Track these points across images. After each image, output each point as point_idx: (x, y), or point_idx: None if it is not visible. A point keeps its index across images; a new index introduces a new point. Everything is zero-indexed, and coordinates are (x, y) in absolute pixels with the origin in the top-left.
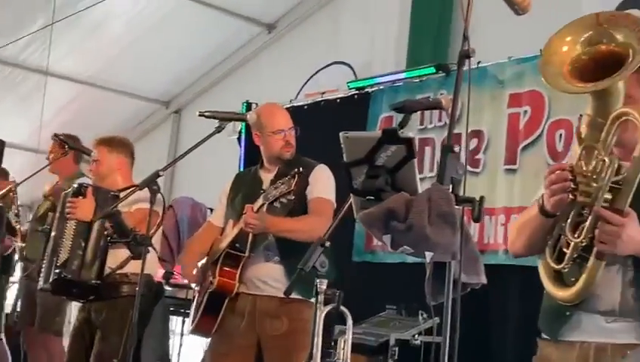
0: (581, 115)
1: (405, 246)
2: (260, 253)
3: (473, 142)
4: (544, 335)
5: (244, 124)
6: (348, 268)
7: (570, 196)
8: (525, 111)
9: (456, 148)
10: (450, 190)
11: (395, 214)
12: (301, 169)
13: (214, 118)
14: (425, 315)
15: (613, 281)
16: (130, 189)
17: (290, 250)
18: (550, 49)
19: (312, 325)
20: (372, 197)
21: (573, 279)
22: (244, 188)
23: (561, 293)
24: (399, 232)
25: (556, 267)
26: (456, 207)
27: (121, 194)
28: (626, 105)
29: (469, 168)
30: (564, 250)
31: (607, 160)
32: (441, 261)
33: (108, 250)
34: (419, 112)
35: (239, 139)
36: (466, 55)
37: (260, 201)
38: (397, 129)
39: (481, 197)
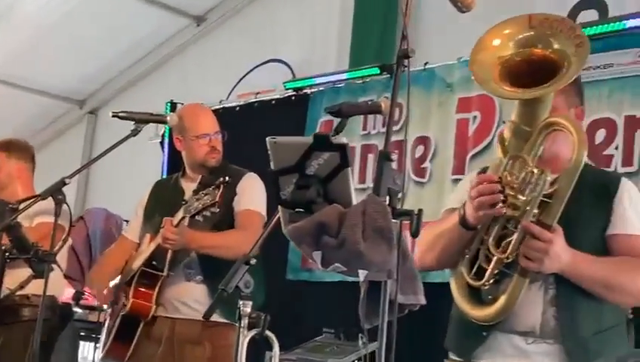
0: (504, 121)
1: (337, 264)
2: (180, 271)
3: (419, 150)
4: (453, 356)
5: (167, 126)
6: (281, 288)
7: (500, 210)
8: (475, 117)
9: (394, 156)
10: (387, 202)
11: (327, 228)
12: (227, 178)
13: (130, 119)
14: (365, 339)
15: (534, 300)
16: (32, 200)
17: (215, 268)
18: (481, 50)
19: (235, 352)
20: (302, 210)
21: (491, 297)
22: (163, 199)
23: (478, 312)
24: (331, 248)
25: (475, 284)
26: (393, 220)
27: (21, 206)
28: (558, 114)
29: (414, 178)
30: (484, 265)
31: (535, 171)
32: (376, 280)
33: (5, 268)
34: (362, 116)
35: (162, 143)
36: (405, 55)
37: (180, 214)
38: (329, 134)
39: (420, 210)
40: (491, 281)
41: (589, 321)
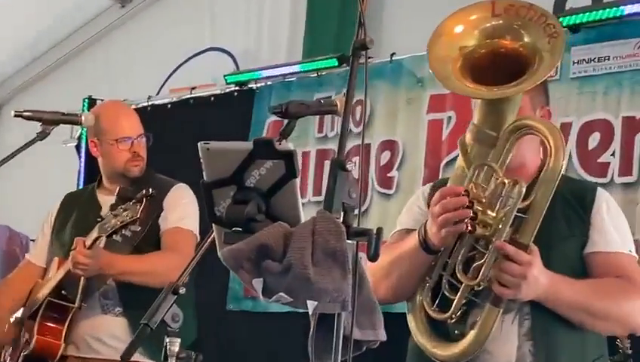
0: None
1: (281, 294)
2: (95, 302)
3: (385, 156)
4: None
5: (84, 128)
6: (221, 320)
7: (469, 228)
8: (449, 118)
9: (350, 165)
10: (341, 219)
11: (270, 251)
12: (152, 190)
13: (37, 119)
14: None
15: (507, 334)
16: None
17: (136, 299)
18: (440, 40)
19: None
20: (239, 229)
21: (458, 332)
22: (75, 215)
23: (443, 351)
24: (274, 275)
25: (439, 317)
26: (348, 241)
27: None
28: (528, 116)
29: (379, 189)
30: (449, 294)
31: (507, 182)
32: (328, 312)
33: None
34: (317, 117)
35: (78, 147)
36: (362, 46)
37: (94, 233)
38: (273, 139)
39: (379, 229)
40: (458, 313)
41: (569, 355)
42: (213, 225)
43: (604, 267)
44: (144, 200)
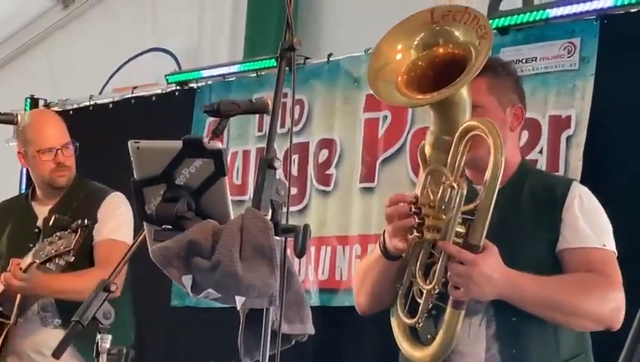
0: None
1: (210, 290)
2: (34, 316)
3: (323, 154)
4: None
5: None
6: (164, 316)
7: (416, 233)
8: (385, 117)
9: (277, 163)
10: (270, 216)
11: (199, 248)
12: (87, 221)
13: None
14: None
15: (476, 336)
16: None
17: (75, 310)
18: (380, 58)
19: None
20: (169, 227)
21: (430, 336)
22: (11, 226)
23: (418, 353)
24: (203, 271)
25: (409, 322)
26: (276, 238)
27: None
28: (475, 117)
29: (317, 186)
30: (418, 299)
31: (455, 185)
32: (256, 307)
33: None
34: (256, 116)
35: None
36: (290, 47)
37: (29, 258)
38: (202, 138)
39: (306, 226)
40: (425, 317)
41: (541, 354)
42: (144, 223)
43: (576, 263)
44: (79, 230)
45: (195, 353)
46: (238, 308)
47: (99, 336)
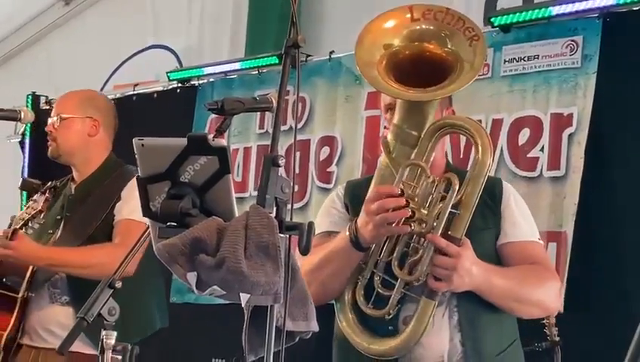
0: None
1: (215, 287)
2: (44, 291)
3: (324, 151)
4: None
5: (29, 124)
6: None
7: (410, 227)
8: None
9: (281, 161)
10: (274, 214)
11: (203, 245)
12: (55, 183)
13: None
14: None
15: (439, 327)
16: None
17: (85, 289)
18: (363, 48)
19: None
20: (174, 224)
21: (391, 328)
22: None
23: (379, 346)
24: (207, 269)
25: (376, 314)
26: (281, 235)
27: None
28: (452, 115)
29: (319, 183)
30: (382, 291)
31: (436, 180)
32: (260, 305)
33: None
34: (257, 113)
35: (22, 143)
36: (294, 44)
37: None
38: (207, 135)
39: (310, 223)
40: (395, 308)
41: (491, 342)
42: (149, 220)
43: (518, 256)
44: (47, 191)
45: (194, 350)
46: (243, 306)
47: (103, 332)
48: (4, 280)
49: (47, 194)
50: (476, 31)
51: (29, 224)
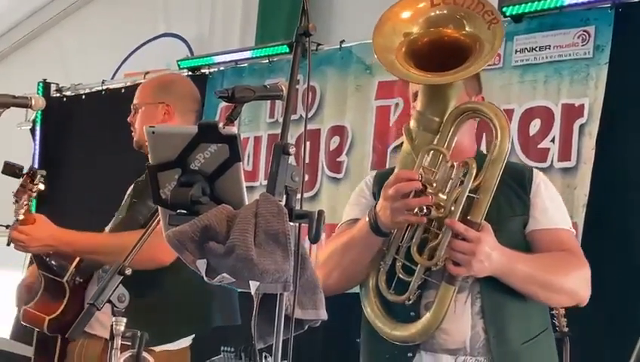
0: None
1: (224, 275)
2: (94, 278)
3: (334, 141)
4: None
5: (39, 111)
6: None
7: (425, 211)
8: (397, 104)
9: (292, 150)
10: (284, 202)
11: (213, 233)
12: (31, 169)
13: None
14: (271, 359)
15: (462, 313)
16: None
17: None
18: (383, 32)
19: None
20: (184, 211)
21: (413, 314)
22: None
23: (401, 332)
24: (217, 256)
25: (397, 299)
26: (290, 223)
27: None
28: (474, 101)
29: (328, 173)
30: (403, 277)
31: (455, 165)
32: (270, 292)
33: None
34: (268, 102)
35: (33, 130)
36: (305, 32)
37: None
38: (217, 123)
39: (320, 212)
40: (415, 294)
41: (517, 330)
42: (159, 207)
43: (548, 243)
44: (24, 176)
45: (203, 338)
46: (252, 293)
47: (113, 319)
48: (52, 262)
49: (22, 179)
50: (495, 14)
51: (18, 210)
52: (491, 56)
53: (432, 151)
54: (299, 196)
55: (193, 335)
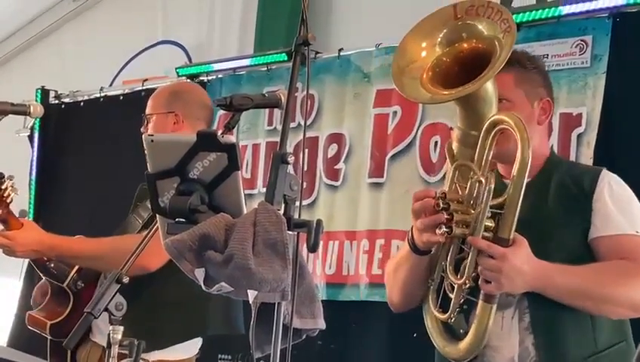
0: (452, 128)
1: (222, 284)
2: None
3: (332, 149)
4: None
5: (38, 118)
6: None
7: (445, 229)
8: (395, 112)
9: (290, 158)
10: (282, 211)
11: (212, 242)
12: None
13: None
14: None
15: (509, 329)
16: None
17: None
18: (405, 56)
19: None
20: (183, 220)
21: (462, 331)
22: None
23: (451, 349)
24: (216, 265)
25: (442, 317)
26: (289, 232)
27: None
28: (502, 111)
29: (326, 181)
30: (449, 294)
31: (482, 180)
32: (268, 301)
33: None
34: (266, 110)
35: (31, 137)
36: (304, 42)
37: None
38: (216, 132)
39: (319, 221)
40: (457, 312)
41: (576, 344)
42: (157, 215)
43: (608, 251)
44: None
45: (201, 347)
46: (250, 302)
47: (110, 328)
48: (52, 266)
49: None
50: (510, 22)
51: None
52: (499, 65)
53: (462, 167)
54: (297, 204)
55: (197, 352)
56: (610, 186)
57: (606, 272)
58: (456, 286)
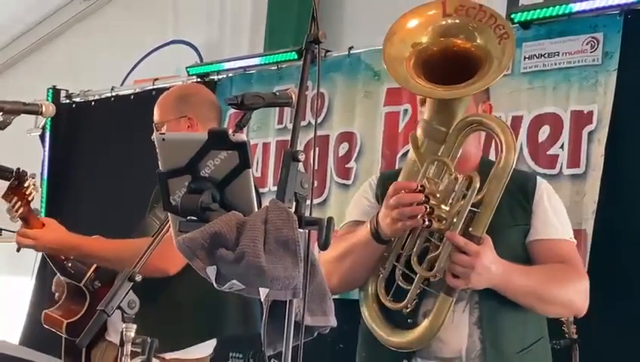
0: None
1: (234, 281)
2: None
3: (343, 147)
4: None
5: (49, 118)
6: None
7: (426, 222)
8: (405, 111)
9: (301, 156)
10: (293, 209)
11: (223, 240)
12: (19, 168)
13: None
14: None
15: (459, 322)
16: None
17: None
18: (394, 43)
19: None
20: (194, 218)
21: (411, 321)
22: None
23: (398, 339)
24: (227, 263)
25: (395, 307)
26: (300, 230)
27: None
28: (479, 113)
29: (337, 179)
30: (403, 285)
31: (460, 178)
32: (279, 299)
33: None
34: (277, 108)
35: (42, 136)
36: (315, 40)
37: None
38: (227, 130)
39: (330, 219)
40: (413, 303)
41: (513, 340)
42: (169, 213)
43: (547, 254)
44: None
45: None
46: (262, 300)
47: (123, 325)
48: (69, 266)
49: (17, 186)
50: (507, 29)
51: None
52: (500, 72)
53: (436, 162)
54: (308, 203)
55: (211, 352)
56: (548, 193)
57: (553, 275)
58: (417, 278)
